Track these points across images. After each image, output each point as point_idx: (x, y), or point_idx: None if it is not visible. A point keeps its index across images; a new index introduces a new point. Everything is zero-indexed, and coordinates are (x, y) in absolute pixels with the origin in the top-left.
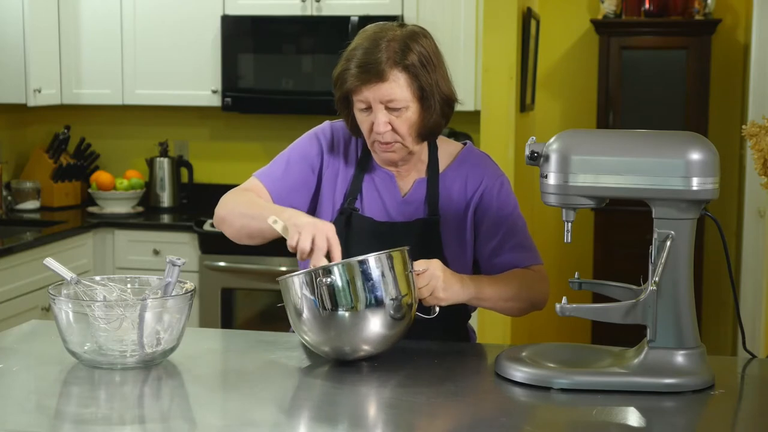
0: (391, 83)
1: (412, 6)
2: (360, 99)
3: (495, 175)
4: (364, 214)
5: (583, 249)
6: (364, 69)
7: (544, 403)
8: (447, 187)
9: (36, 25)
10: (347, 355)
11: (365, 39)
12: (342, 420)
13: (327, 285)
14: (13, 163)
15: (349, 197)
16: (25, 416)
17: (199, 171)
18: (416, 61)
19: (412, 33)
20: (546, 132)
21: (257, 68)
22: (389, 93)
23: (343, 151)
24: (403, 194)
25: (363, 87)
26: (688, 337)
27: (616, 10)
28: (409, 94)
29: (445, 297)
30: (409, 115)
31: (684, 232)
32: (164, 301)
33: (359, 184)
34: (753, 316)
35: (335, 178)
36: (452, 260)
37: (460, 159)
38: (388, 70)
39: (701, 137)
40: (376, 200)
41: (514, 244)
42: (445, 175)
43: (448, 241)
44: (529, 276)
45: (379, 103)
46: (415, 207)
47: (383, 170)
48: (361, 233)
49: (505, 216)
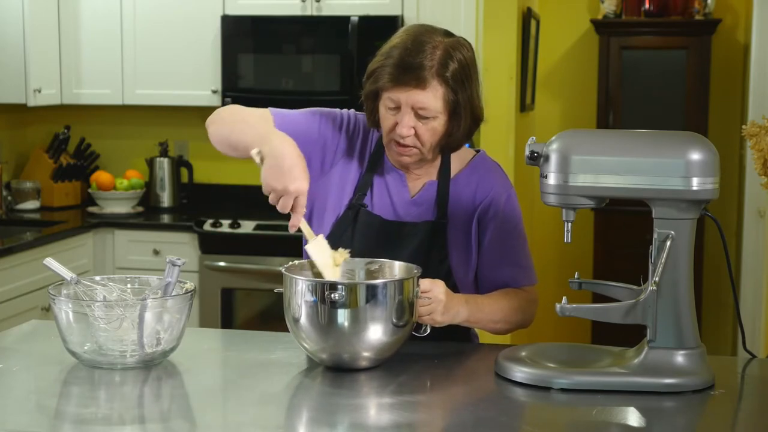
0: (428, 92)
1: (412, 6)
2: (391, 97)
3: (504, 186)
4: (372, 211)
5: (583, 249)
6: (403, 71)
7: (544, 403)
8: (457, 192)
9: (36, 25)
10: (345, 363)
11: (408, 38)
12: (342, 420)
13: (331, 300)
14: (13, 163)
15: (358, 192)
16: (25, 416)
17: (199, 171)
18: (457, 75)
19: (456, 43)
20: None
21: (257, 68)
22: (424, 101)
23: (360, 143)
24: (413, 195)
25: (398, 88)
26: (688, 337)
27: (616, 10)
28: (441, 105)
29: (441, 321)
30: (436, 126)
31: (684, 232)
32: (164, 301)
33: (370, 180)
34: (753, 316)
35: (347, 167)
36: (457, 265)
37: (473, 166)
38: (429, 78)
39: (701, 137)
40: (385, 199)
41: (513, 260)
42: (456, 180)
43: (454, 245)
44: (521, 298)
45: (411, 107)
46: (423, 209)
47: (395, 170)
48: (367, 230)
49: (508, 230)
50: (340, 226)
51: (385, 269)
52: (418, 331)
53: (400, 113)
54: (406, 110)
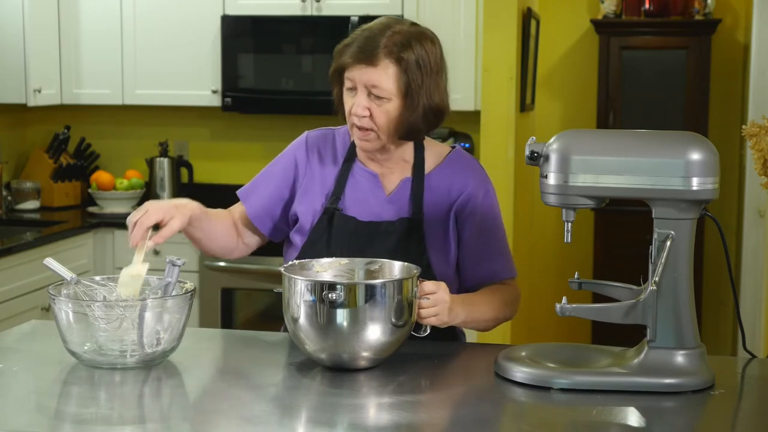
0: (380, 70)
1: (412, 6)
2: (349, 77)
3: (481, 180)
4: (347, 213)
5: (583, 249)
6: (360, 50)
7: (544, 403)
8: (432, 188)
9: (36, 25)
10: (344, 363)
11: (376, 24)
12: (342, 420)
13: (330, 300)
14: (13, 163)
15: (331, 197)
16: (25, 416)
17: (199, 171)
18: (412, 59)
19: (420, 33)
20: (546, 132)
21: (257, 68)
22: (375, 79)
23: (323, 156)
24: (388, 194)
25: (353, 66)
26: (688, 337)
27: (616, 10)
28: (394, 87)
29: (447, 321)
30: (389, 108)
31: (684, 232)
32: (164, 301)
33: (342, 184)
34: (753, 316)
35: (314, 183)
36: (436, 260)
37: (448, 161)
38: (381, 56)
39: (701, 137)
40: (360, 200)
41: (494, 255)
42: (431, 176)
43: (432, 241)
44: (509, 293)
45: (364, 86)
46: (399, 206)
47: (367, 170)
48: (343, 232)
49: (488, 226)
50: (316, 231)
51: (384, 269)
52: (418, 331)
53: (356, 94)
54: (360, 89)
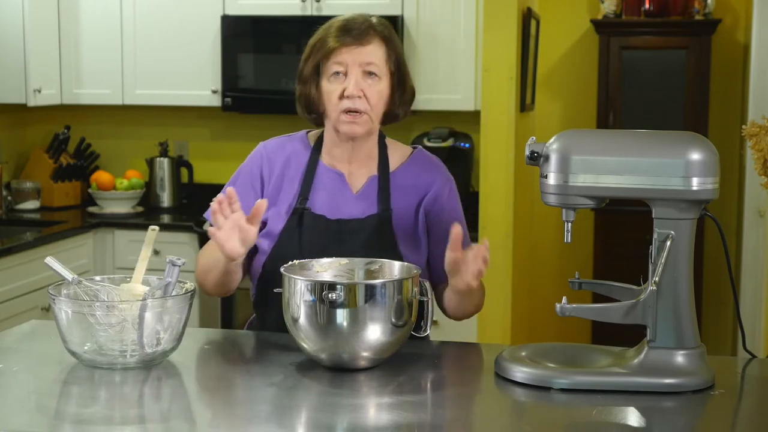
0: (372, 48)
1: (412, 6)
2: (337, 61)
3: (445, 178)
4: (315, 212)
5: (583, 249)
6: (346, 32)
7: (544, 403)
8: (398, 184)
9: (36, 25)
10: (344, 363)
11: (345, 16)
12: (342, 420)
13: (330, 300)
14: (13, 163)
15: (299, 198)
16: (25, 416)
17: (199, 171)
18: (396, 40)
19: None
20: (546, 132)
21: (257, 68)
22: (369, 56)
23: (284, 162)
24: (356, 192)
25: (343, 49)
26: (688, 337)
27: (616, 10)
28: (385, 66)
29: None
30: (381, 88)
31: (684, 232)
32: (164, 301)
33: (309, 185)
34: (753, 316)
35: (279, 189)
36: (407, 255)
37: (412, 160)
38: (371, 34)
39: (701, 137)
40: (328, 199)
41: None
42: (396, 173)
43: (402, 236)
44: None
45: (357, 66)
46: (368, 203)
47: (333, 170)
48: (313, 231)
49: (455, 219)
50: (286, 232)
51: (384, 269)
52: (418, 331)
53: (347, 78)
54: (353, 70)
